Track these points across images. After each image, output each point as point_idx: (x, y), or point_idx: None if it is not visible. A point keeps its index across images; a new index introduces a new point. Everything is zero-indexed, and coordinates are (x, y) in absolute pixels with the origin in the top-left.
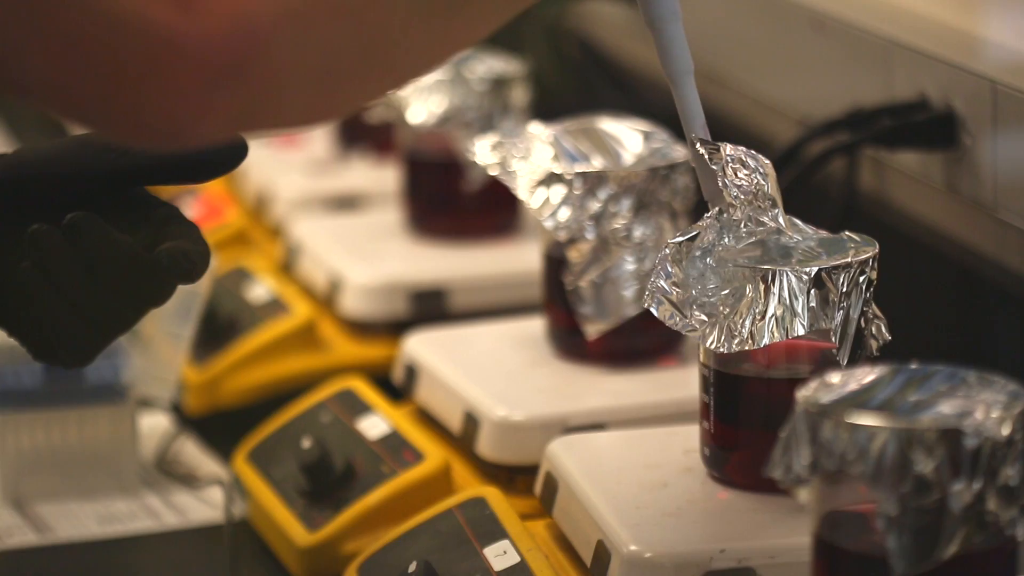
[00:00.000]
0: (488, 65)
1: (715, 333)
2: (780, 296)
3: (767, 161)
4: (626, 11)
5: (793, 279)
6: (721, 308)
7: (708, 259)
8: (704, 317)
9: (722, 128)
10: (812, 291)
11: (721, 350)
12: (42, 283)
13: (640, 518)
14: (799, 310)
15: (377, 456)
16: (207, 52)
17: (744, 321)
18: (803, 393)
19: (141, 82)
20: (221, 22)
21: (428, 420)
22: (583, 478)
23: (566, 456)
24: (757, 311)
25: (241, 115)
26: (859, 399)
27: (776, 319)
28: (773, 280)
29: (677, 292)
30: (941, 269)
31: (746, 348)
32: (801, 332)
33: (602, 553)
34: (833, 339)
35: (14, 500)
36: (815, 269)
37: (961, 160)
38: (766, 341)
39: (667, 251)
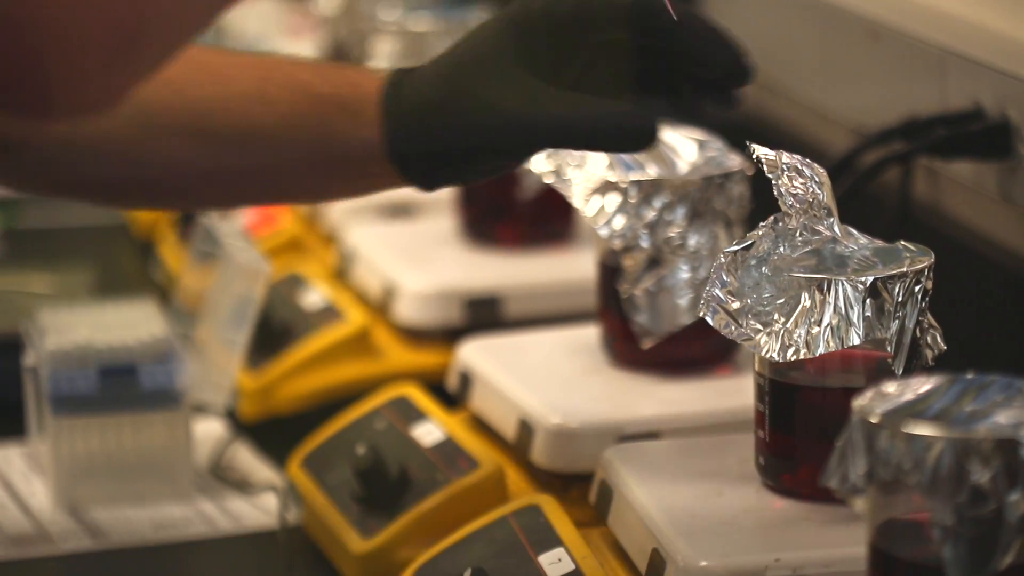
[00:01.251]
0: None
1: (770, 342)
2: (835, 305)
3: (822, 170)
4: None
5: (848, 288)
6: (776, 317)
7: (763, 268)
8: (759, 326)
9: (777, 137)
10: (867, 300)
11: (776, 359)
12: None
13: (695, 527)
14: (854, 319)
15: (432, 463)
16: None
17: (799, 330)
18: (859, 403)
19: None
20: None
21: (482, 428)
22: (638, 486)
23: (621, 464)
24: (812, 320)
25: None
26: (915, 409)
27: (831, 328)
28: (828, 289)
29: (732, 301)
30: (996, 278)
31: (801, 357)
32: (856, 341)
33: (657, 561)
34: (888, 348)
35: (69, 505)
36: (871, 279)
37: (1016, 169)
38: (821, 350)
39: (722, 260)
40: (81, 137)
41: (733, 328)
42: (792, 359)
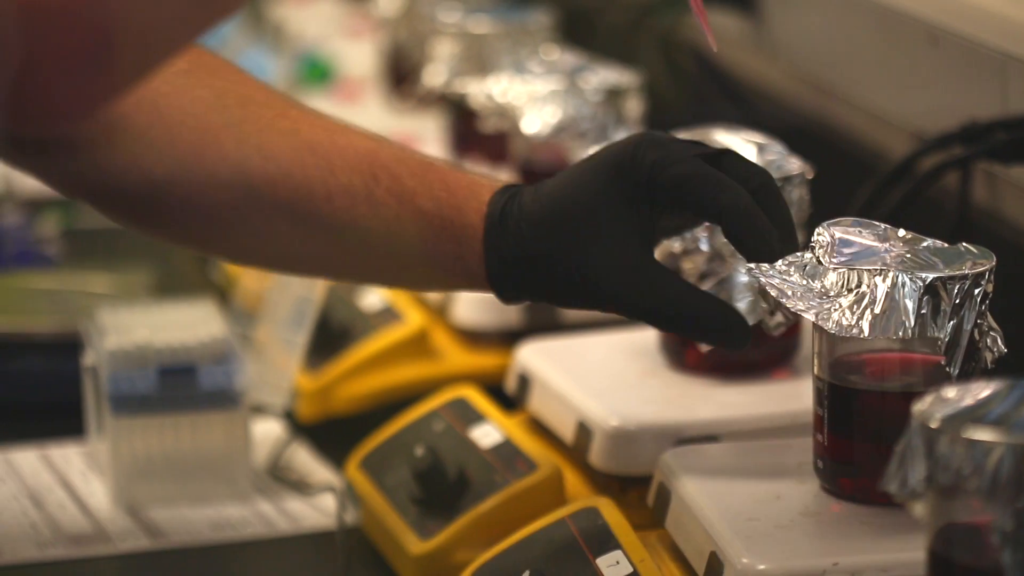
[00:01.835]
0: (603, 76)
1: (825, 320)
2: (893, 297)
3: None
4: (740, 23)
5: (908, 283)
6: (836, 302)
7: (829, 261)
8: (817, 307)
9: (836, 141)
10: (925, 298)
11: (831, 329)
12: None
13: (753, 530)
14: (910, 314)
15: (490, 465)
16: None
17: (854, 315)
18: (919, 407)
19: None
20: None
21: (540, 430)
22: (696, 489)
23: (679, 467)
24: (868, 306)
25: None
26: (975, 414)
27: (886, 316)
28: (888, 280)
29: (792, 286)
30: None
31: (855, 336)
32: (909, 336)
33: (715, 564)
34: (941, 348)
35: (128, 505)
36: (930, 277)
37: None
38: (875, 334)
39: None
40: (174, 184)
41: (792, 305)
42: (847, 335)
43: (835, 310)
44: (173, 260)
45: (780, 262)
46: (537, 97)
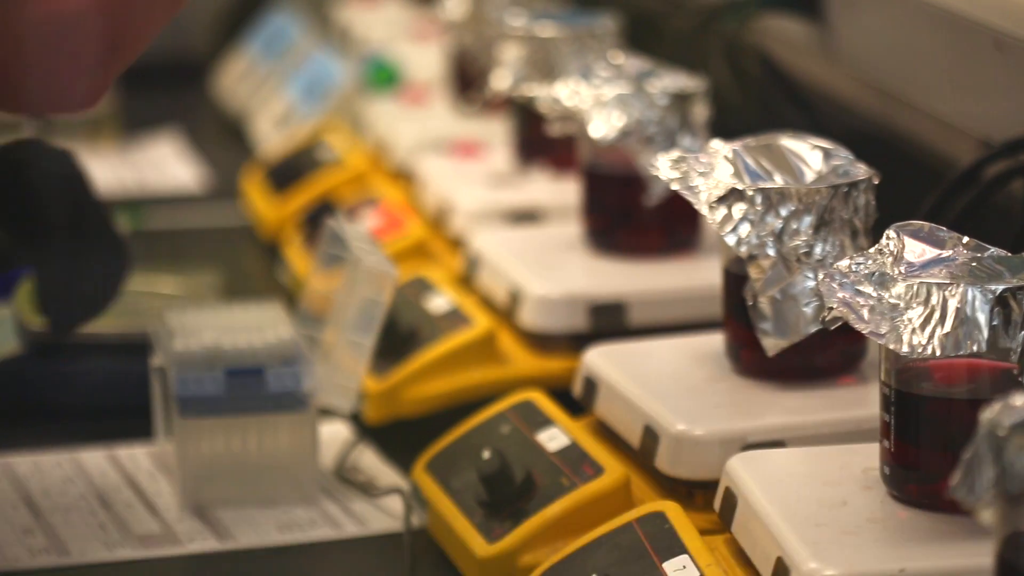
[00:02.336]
0: (669, 81)
1: (898, 343)
2: (962, 312)
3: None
4: (805, 28)
5: (978, 296)
6: (905, 318)
7: (896, 269)
8: (887, 326)
9: (902, 147)
10: (995, 309)
11: (903, 351)
12: None
13: (820, 536)
14: (981, 327)
15: (557, 468)
16: None
17: (926, 333)
18: (987, 415)
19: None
20: None
21: (607, 433)
22: (763, 495)
23: (746, 472)
24: (938, 323)
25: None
26: None
27: (958, 334)
28: (957, 294)
29: (861, 301)
30: None
31: (926, 358)
32: (982, 349)
33: (781, 570)
34: (1014, 359)
35: (195, 506)
36: (999, 288)
37: None
38: (948, 354)
39: (852, 263)
40: None
41: (862, 325)
42: (917, 357)
43: (905, 329)
44: (240, 262)
45: (849, 266)
46: (603, 102)
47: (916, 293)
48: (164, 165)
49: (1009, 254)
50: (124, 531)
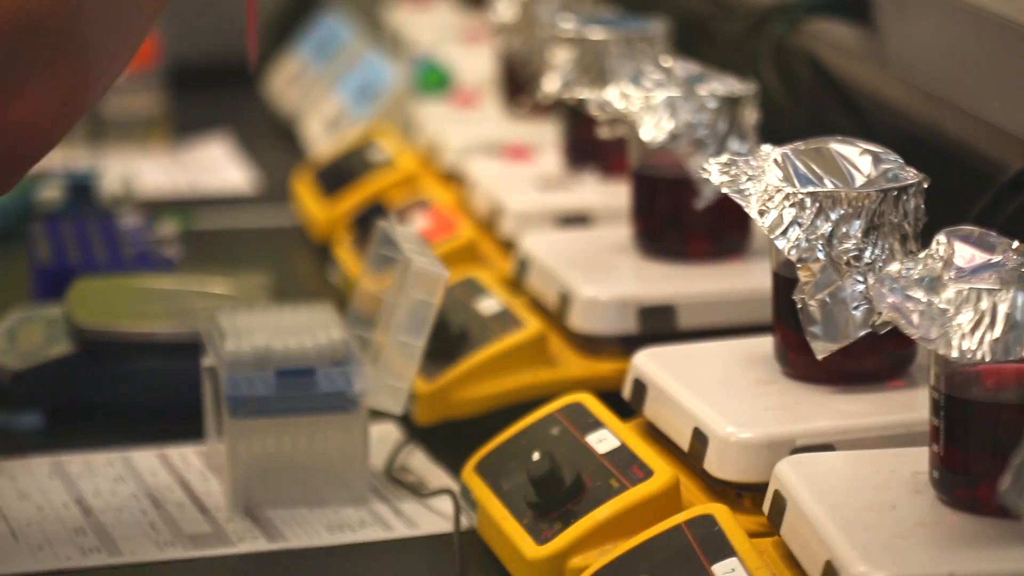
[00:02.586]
0: (719, 84)
1: (948, 348)
2: (1012, 317)
3: None
4: (854, 32)
5: None
6: (955, 324)
7: (946, 274)
8: (937, 331)
9: (951, 152)
10: None
11: (953, 357)
12: None
13: (869, 539)
14: None
15: (606, 470)
16: None
17: (975, 338)
18: None
19: None
20: None
21: (656, 436)
22: (812, 498)
23: (795, 475)
24: (988, 328)
25: None
26: None
27: (1007, 339)
28: (1006, 300)
29: (911, 306)
30: None
31: (976, 363)
32: None
33: (830, 573)
34: None
35: (245, 506)
36: None
37: None
38: (998, 359)
39: (902, 268)
40: None
41: (912, 331)
42: (967, 363)
43: (956, 334)
44: (290, 262)
45: (899, 271)
46: (653, 105)
47: (966, 298)
48: (216, 167)
49: None
50: (175, 531)
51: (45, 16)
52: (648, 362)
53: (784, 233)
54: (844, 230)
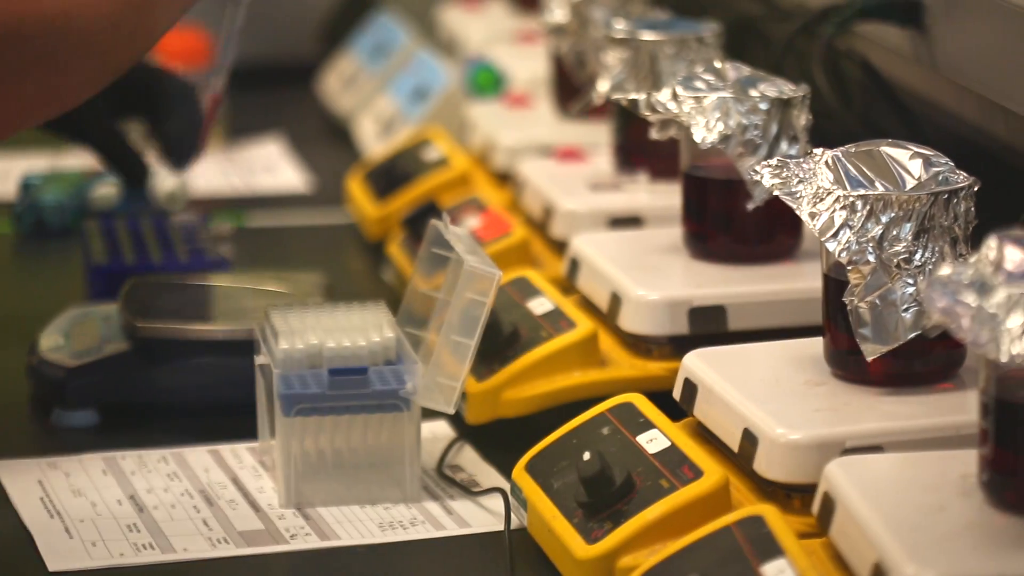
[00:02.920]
0: (770, 86)
1: (998, 352)
2: None
3: None
4: (905, 35)
5: None
6: (1005, 327)
7: (998, 277)
8: (987, 335)
9: (1001, 154)
10: None
11: (1003, 361)
12: None
13: (918, 541)
14: None
15: (656, 470)
16: None
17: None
18: None
19: None
20: None
21: (706, 436)
22: (861, 499)
23: (844, 477)
24: None
25: None
26: None
27: None
28: None
29: (961, 309)
30: None
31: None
32: None
33: (879, 575)
34: None
35: (298, 503)
36: None
37: None
38: None
39: (951, 272)
40: None
41: (964, 334)
42: (1018, 367)
43: (1005, 338)
44: (345, 261)
45: (949, 274)
46: (705, 107)
47: (1016, 302)
48: (270, 167)
49: None
50: (227, 528)
51: (35, 29)
52: (698, 363)
53: (835, 235)
54: (895, 233)
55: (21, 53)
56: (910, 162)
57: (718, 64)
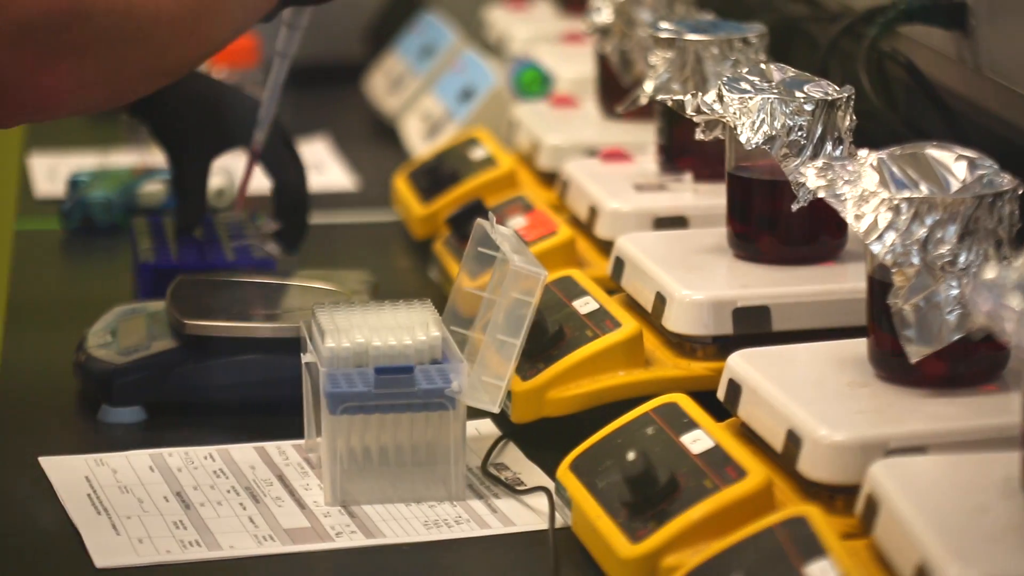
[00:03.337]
0: (815, 87)
1: None
2: None
3: None
4: (949, 37)
5: None
6: None
7: None
8: None
9: None
10: None
11: None
12: None
13: (961, 542)
14: None
15: (700, 470)
16: None
17: None
18: None
19: None
20: None
21: (750, 436)
22: (905, 501)
23: (888, 478)
24: None
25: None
26: None
27: None
28: None
29: (1005, 313)
30: None
31: None
32: None
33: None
34: None
35: (343, 501)
36: None
37: None
38: None
39: (999, 275)
40: None
41: (1010, 337)
42: None
43: None
44: (392, 260)
45: (994, 277)
46: (750, 107)
47: None
48: (317, 165)
49: None
50: (273, 525)
51: (98, 8)
52: (743, 363)
53: (879, 238)
54: (939, 235)
55: (83, 30)
56: (955, 164)
57: (763, 65)
